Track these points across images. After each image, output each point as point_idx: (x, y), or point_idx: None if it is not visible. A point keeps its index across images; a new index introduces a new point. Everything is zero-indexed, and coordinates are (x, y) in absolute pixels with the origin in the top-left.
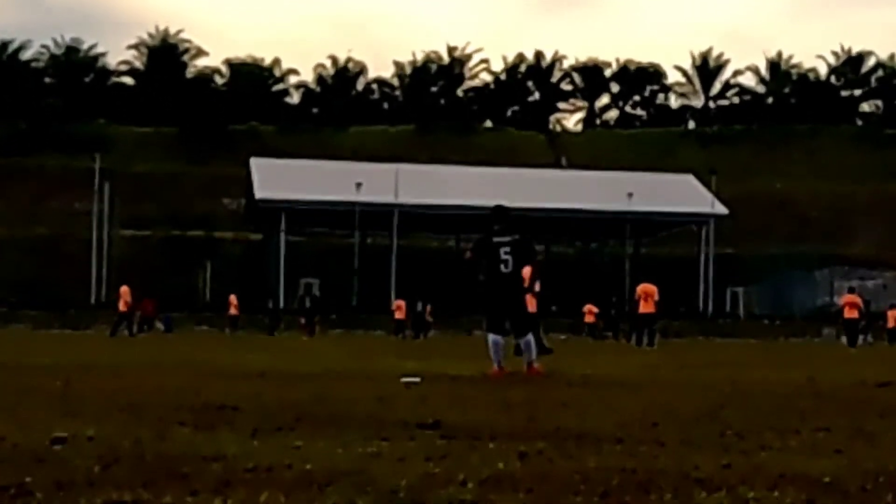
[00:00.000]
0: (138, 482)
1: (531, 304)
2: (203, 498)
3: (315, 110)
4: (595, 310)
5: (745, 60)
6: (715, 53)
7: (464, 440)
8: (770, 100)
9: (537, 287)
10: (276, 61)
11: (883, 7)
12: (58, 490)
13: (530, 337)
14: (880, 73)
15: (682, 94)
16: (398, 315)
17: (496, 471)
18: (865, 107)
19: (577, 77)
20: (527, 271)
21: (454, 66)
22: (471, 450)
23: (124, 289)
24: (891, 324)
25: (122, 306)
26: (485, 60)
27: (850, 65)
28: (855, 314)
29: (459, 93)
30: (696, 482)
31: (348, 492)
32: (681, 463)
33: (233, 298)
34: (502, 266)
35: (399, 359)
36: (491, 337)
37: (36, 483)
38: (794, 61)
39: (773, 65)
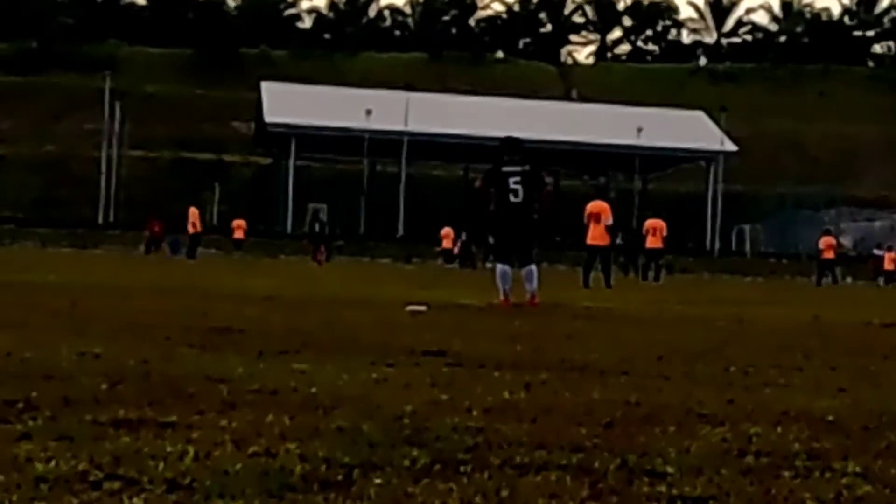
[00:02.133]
0: (144, 401)
1: (606, 238)
2: (208, 418)
3: (327, 36)
4: None
5: None
6: None
7: (469, 369)
8: (782, 39)
9: (610, 220)
10: None
11: None
12: (64, 406)
13: (533, 267)
14: (893, 14)
15: (694, 31)
16: (445, 244)
17: (501, 400)
18: (878, 48)
19: (589, 10)
20: (606, 208)
21: None
22: (476, 378)
23: (193, 210)
24: (888, 266)
25: (190, 228)
26: None
27: (864, 5)
28: (831, 255)
29: (471, 22)
30: (700, 417)
31: (353, 416)
32: (685, 397)
33: (240, 223)
34: (511, 196)
35: (406, 287)
36: (499, 266)
37: (42, 398)
38: (806, 0)
39: (786, 4)
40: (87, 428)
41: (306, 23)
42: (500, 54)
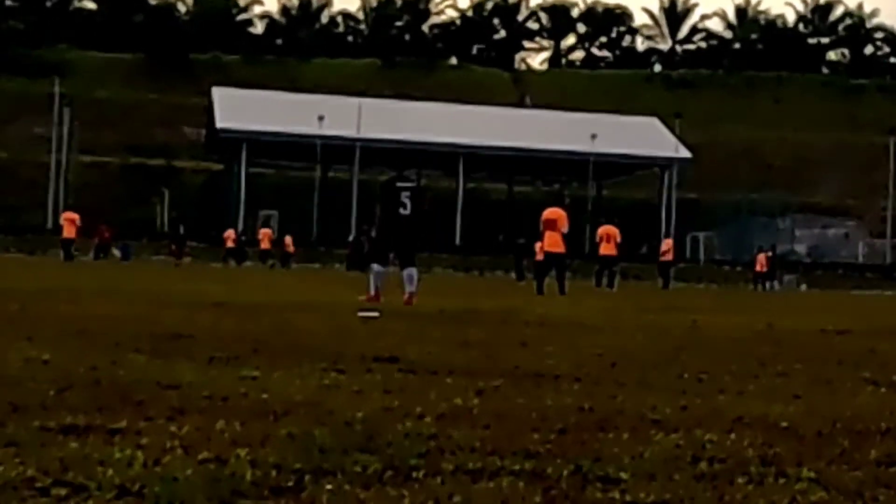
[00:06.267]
0: (93, 407)
1: (562, 245)
2: (158, 424)
3: (279, 41)
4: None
5: (712, 5)
6: None
7: (421, 375)
8: (737, 46)
9: (566, 228)
10: None
11: None
12: (12, 412)
13: (413, 270)
14: (848, 22)
15: (648, 37)
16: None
17: (454, 406)
18: (832, 55)
19: (543, 16)
20: (562, 215)
21: (420, 2)
22: (428, 385)
23: (67, 214)
24: (759, 268)
25: (68, 232)
26: None
27: (818, 13)
28: (669, 257)
29: (425, 28)
30: (653, 423)
31: (304, 422)
32: (638, 404)
33: (230, 233)
34: (402, 208)
35: (358, 293)
36: (375, 267)
37: None
38: (761, 7)
39: (741, 10)
40: (34, 434)
41: (258, 28)
42: (453, 60)
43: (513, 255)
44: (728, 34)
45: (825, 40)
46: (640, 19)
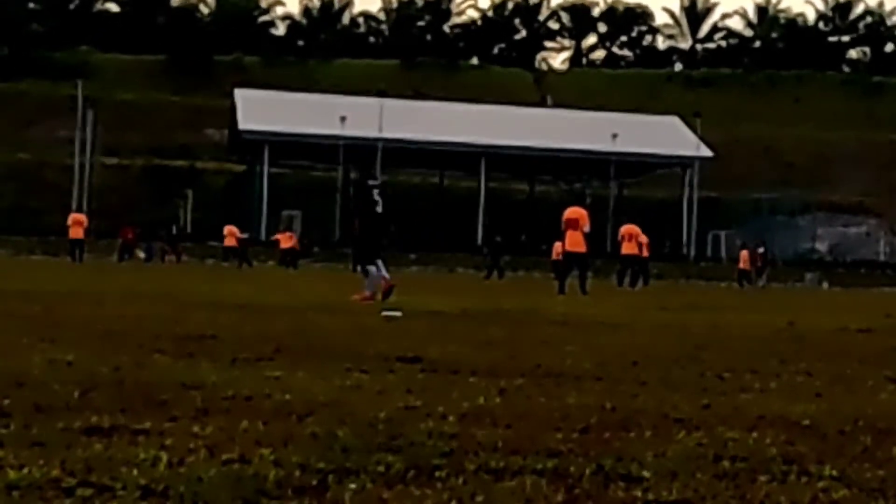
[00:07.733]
0: (117, 408)
1: (584, 244)
2: (182, 424)
3: (300, 43)
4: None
5: (733, 4)
6: None
7: (444, 375)
8: (757, 44)
9: (588, 227)
10: None
11: None
12: (36, 413)
13: (373, 268)
14: (868, 20)
15: (669, 36)
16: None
17: (476, 405)
18: (853, 53)
19: (564, 16)
20: (584, 215)
21: (441, 2)
22: (451, 384)
23: (74, 216)
24: (742, 265)
25: (75, 232)
26: None
27: (839, 11)
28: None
29: (446, 29)
30: (676, 421)
31: (327, 422)
32: (660, 402)
33: (231, 228)
34: (377, 207)
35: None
36: (372, 269)
37: (15, 405)
38: (782, 6)
39: (762, 9)
40: (59, 435)
41: (280, 30)
42: (474, 61)
43: (488, 251)
44: (748, 33)
45: (845, 38)
46: (660, 18)
